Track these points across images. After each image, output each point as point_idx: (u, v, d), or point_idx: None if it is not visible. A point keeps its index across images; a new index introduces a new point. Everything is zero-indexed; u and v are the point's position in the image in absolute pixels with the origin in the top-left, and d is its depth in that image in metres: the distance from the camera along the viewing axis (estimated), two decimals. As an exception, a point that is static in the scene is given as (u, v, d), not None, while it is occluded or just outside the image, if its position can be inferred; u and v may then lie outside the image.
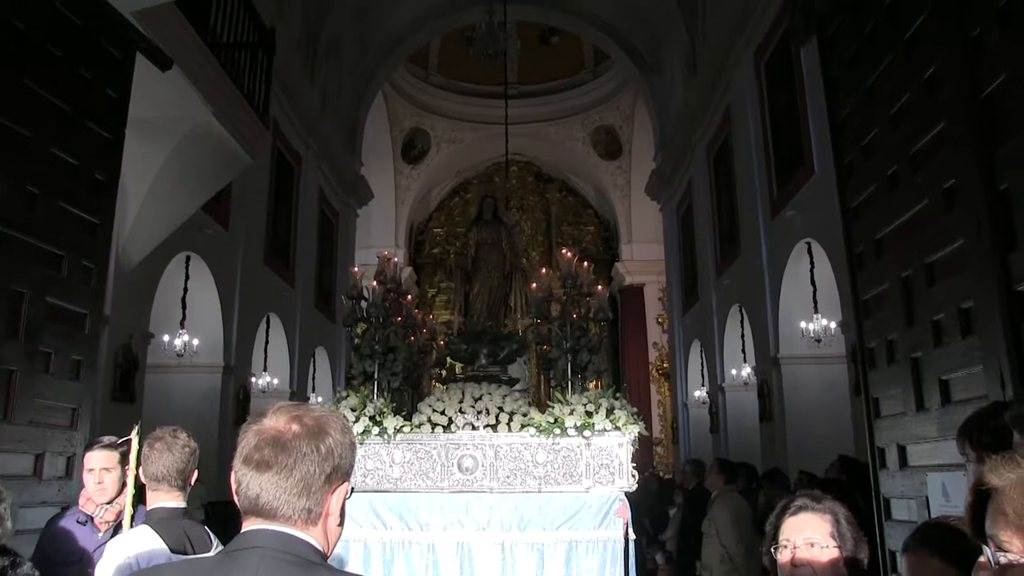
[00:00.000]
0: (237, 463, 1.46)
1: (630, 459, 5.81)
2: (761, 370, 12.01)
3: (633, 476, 5.78)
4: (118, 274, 8.06)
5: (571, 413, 5.80)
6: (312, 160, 15.46)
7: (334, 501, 1.47)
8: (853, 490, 5.42)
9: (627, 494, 5.71)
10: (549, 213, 23.31)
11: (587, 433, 5.75)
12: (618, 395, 6.07)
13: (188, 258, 10.63)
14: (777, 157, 11.20)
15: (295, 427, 1.45)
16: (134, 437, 3.04)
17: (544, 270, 7.37)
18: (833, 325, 10.18)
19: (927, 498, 3.68)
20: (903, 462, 4.00)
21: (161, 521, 2.77)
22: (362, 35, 16.78)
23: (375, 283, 6.62)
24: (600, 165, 22.14)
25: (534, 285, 7.00)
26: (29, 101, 4.12)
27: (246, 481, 1.43)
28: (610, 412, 5.82)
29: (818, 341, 10.44)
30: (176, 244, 9.67)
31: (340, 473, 1.47)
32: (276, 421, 1.46)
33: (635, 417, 5.90)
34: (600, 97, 21.63)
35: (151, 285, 9.60)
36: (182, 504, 2.88)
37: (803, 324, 10.66)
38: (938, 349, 3.59)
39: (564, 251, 7.03)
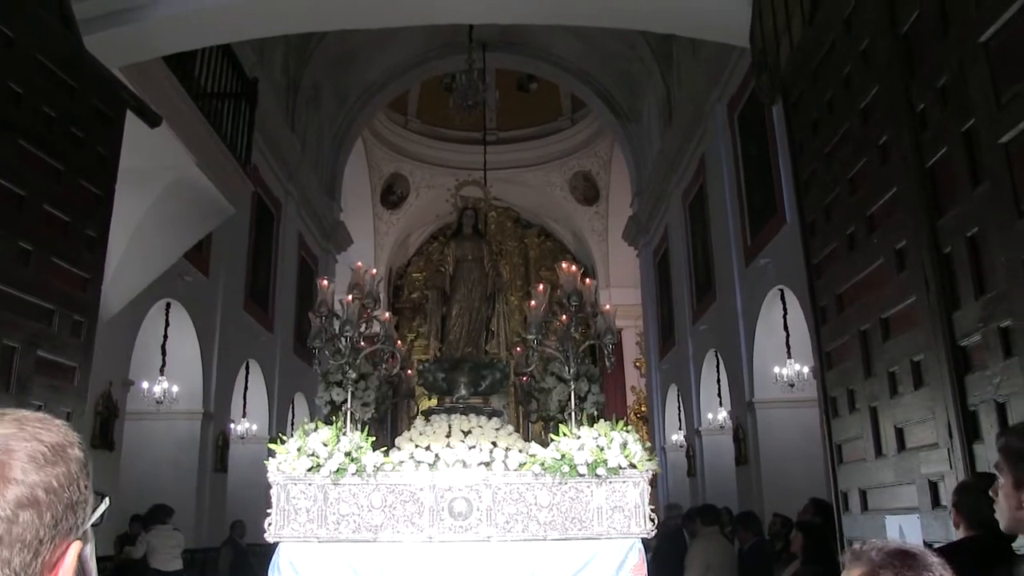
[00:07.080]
0: None
1: (647, 501, 5.16)
2: (736, 414, 12.15)
3: (652, 520, 5.14)
4: (99, 321, 8.12)
5: (580, 448, 5.11)
6: (292, 206, 15.60)
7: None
8: (826, 529, 5.53)
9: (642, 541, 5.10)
10: (527, 258, 23.51)
11: (600, 471, 5.04)
12: (628, 428, 5.39)
13: (168, 305, 10.68)
14: (750, 206, 11.44)
15: None
16: None
17: (540, 286, 6.20)
18: (806, 370, 10.36)
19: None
20: (864, 505, 4.16)
21: None
22: (342, 83, 17.03)
23: (349, 297, 5.76)
24: (578, 210, 22.36)
25: (532, 303, 5.97)
26: (24, 160, 4.25)
27: None
28: (623, 447, 5.17)
29: (791, 386, 10.61)
30: (156, 291, 9.73)
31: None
32: None
33: (650, 452, 5.31)
34: (578, 143, 21.88)
35: (131, 332, 9.64)
36: None
37: (777, 369, 10.84)
38: (894, 399, 3.78)
39: (566, 265, 6.04)
